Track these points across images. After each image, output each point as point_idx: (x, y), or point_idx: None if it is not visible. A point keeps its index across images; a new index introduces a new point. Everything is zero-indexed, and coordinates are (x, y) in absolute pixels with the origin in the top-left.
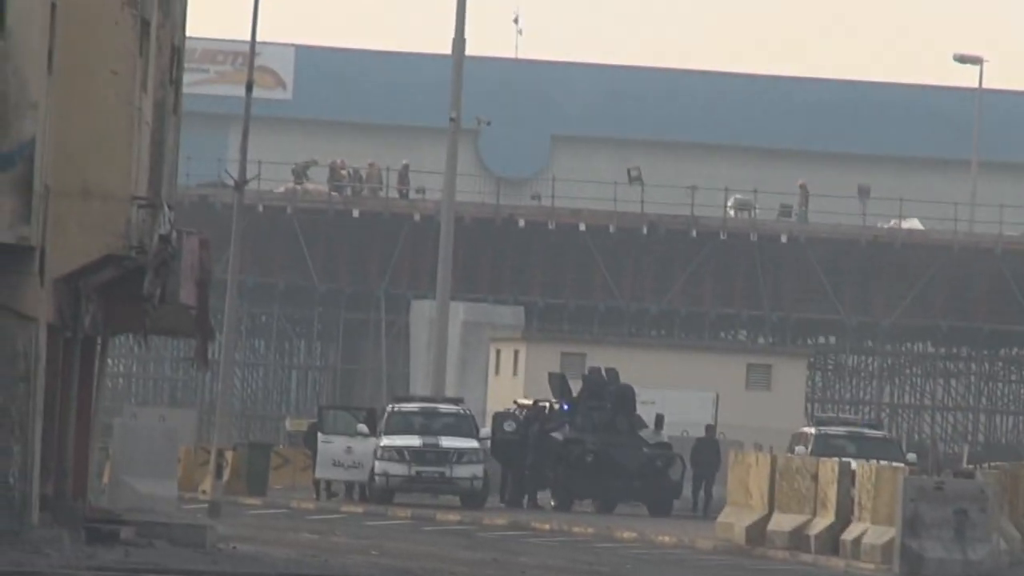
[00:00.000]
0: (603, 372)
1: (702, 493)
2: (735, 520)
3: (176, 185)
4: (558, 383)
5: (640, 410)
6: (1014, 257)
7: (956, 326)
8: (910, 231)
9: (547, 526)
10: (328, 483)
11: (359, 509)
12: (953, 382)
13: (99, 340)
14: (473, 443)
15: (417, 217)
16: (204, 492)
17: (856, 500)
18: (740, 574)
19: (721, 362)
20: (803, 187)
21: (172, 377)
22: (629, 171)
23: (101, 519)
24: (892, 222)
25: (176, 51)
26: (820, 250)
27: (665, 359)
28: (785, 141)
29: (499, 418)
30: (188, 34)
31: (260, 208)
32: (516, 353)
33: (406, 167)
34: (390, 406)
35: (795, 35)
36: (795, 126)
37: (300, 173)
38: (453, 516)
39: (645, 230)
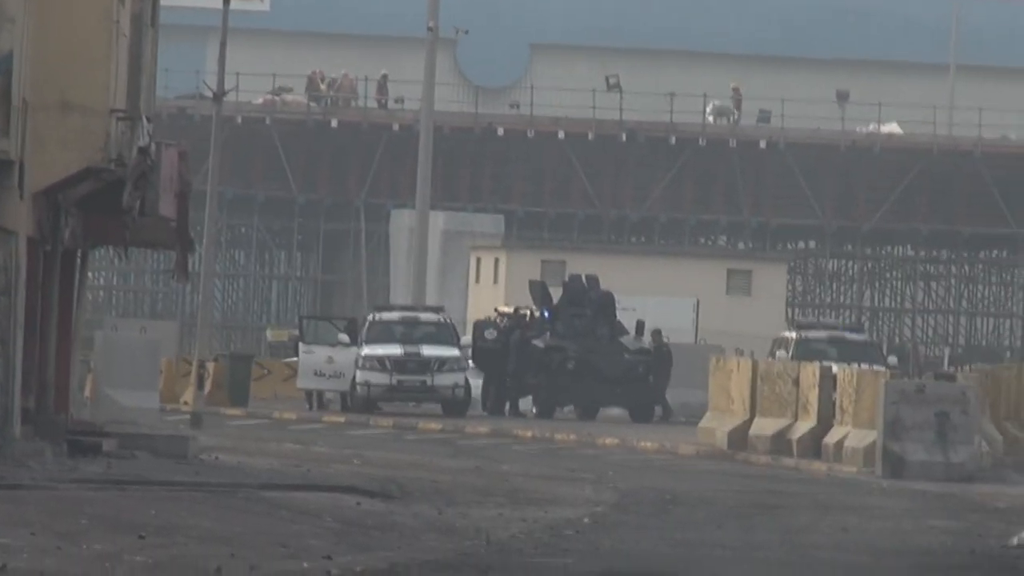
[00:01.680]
0: (583, 279)
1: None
2: (717, 425)
3: (155, 97)
4: (538, 291)
5: (621, 317)
6: (993, 160)
7: (936, 229)
8: (889, 135)
9: (529, 434)
10: (320, 393)
11: (341, 419)
12: (934, 285)
13: (79, 253)
14: (454, 351)
15: (396, 127)
16: (186, 403)
17: (837, 404)
18: (722, 479)
19: (701, 268)
20: (736, 90)
21: (153, 289)
22: (608, 78)
23: (83, 432)
24: (871, 126)
25: None
26: (800, 155)
27: (645, 266)
28: (764, 47)
29: (480, 326)
30: None
31: (239, 120)
32: (496, 261)
33: (385, 77)
34: (371, 315)
35: None
36: (774, 32)
37: (277, 94)
38: (435, 425)
39: (624, 137)
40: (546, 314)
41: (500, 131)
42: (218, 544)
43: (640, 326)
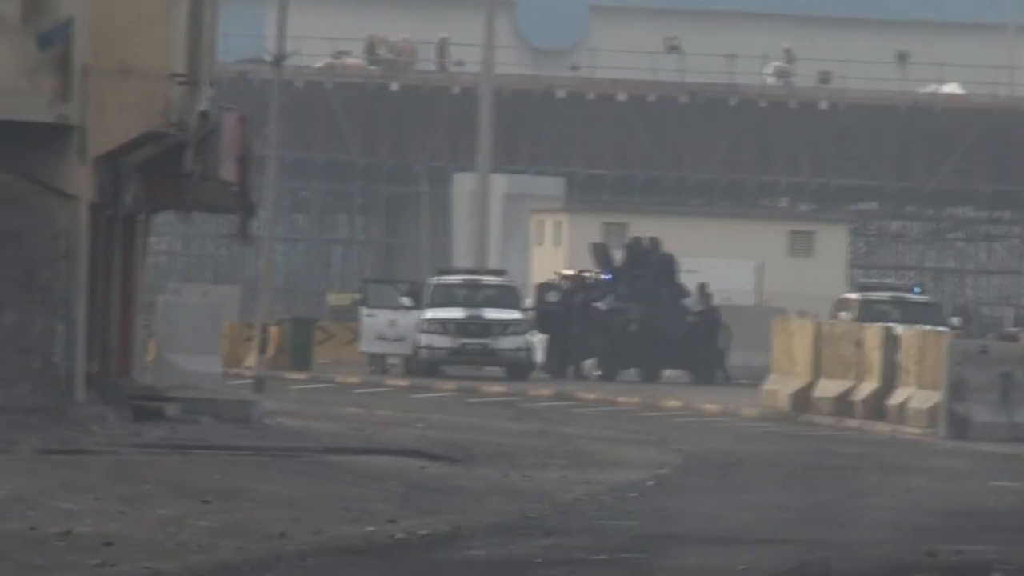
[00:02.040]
0: (645, 242)
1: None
2: (780, 387)
3: (215, 62)
4: (600, 253)
5: (683, 279)
6: None
7: (998, 190)
8: (949, 95)
9: (592, 396)
10: (384, 357)
11: (404, 382)
12: (996, 246)
13: (141, 218)
14: (517, 314)
15: (456, 90)
16: (249, 368)
17: (901, 365)
18: (785, 440)
19: (763, 230)
20: (788, 51)
21: (215, 254)
22: (667, 40)
23: (146, 396)
24: (931, 87)
25: None
26: (860, 116)
27: (707, 228)
28: (822, 8)
29: (542, 289)
30: None
31: (299, 84)
32: (558, 224)
33: (444, 40)
34: (433, 279)
35: None
36: None
37: (337, 58)
38: (498, 388)
39: (685, 99)
40: (608, 277)
41: (560, 94)
42: (282, 508)
43: (702, 288)
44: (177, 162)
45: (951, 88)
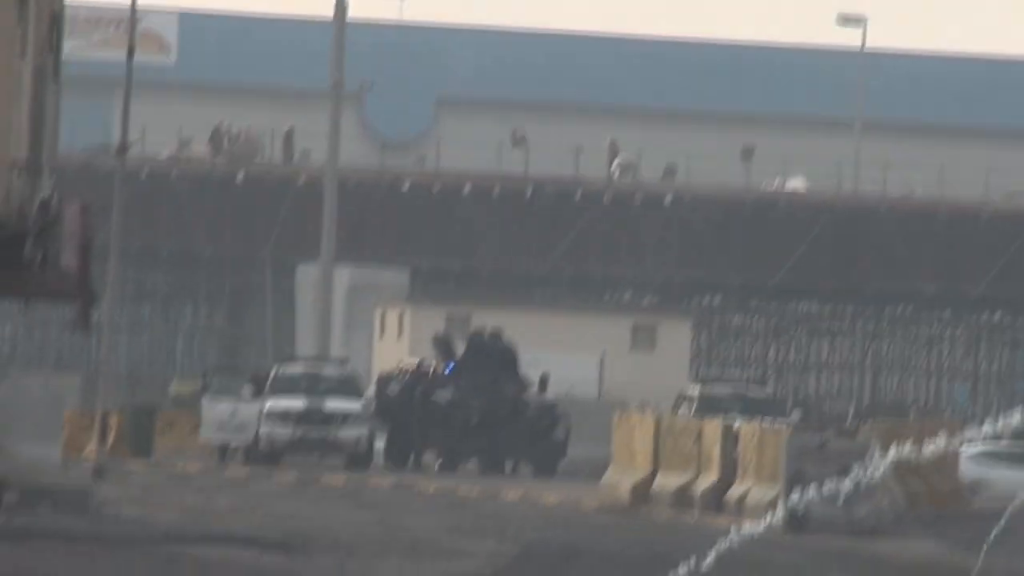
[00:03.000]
0: (486, 334)
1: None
2: (620, 479)
3: (57, 150)
4: (442, 345)
5: (526, 372)
6: (898, 216)
7: (841, 285)
8: (794, 192)
9: (432, 487)
10: (225, 446)
11: (245, 472)
12: (839, 340)
13: None
14: (358, 405)
15: (302, 181)
16: (89, 456)
17: (740, 459)
18: (625, 533)
19: (606, 323)
20: (613, 143)
21: (57, 341)
22: (514, 132)
23: None
24: (776, 181)
25: (56, 17)
26: (704, 211)
27: (550, 321)
28: (670, 101)
29: (383, 379)
30: (70, 1)
31: (144, 173)
32: (401, 316)
33: (291, 131)
34: (275, 368)
35: None
36: (679, 86)
37: (183, 146)
38: (339, 478)
39: (530, 192)
40: (449, 368)
41: (406, 185)
42: None
43: (544, 380)
44: (18, 250)
45: (797, 183)
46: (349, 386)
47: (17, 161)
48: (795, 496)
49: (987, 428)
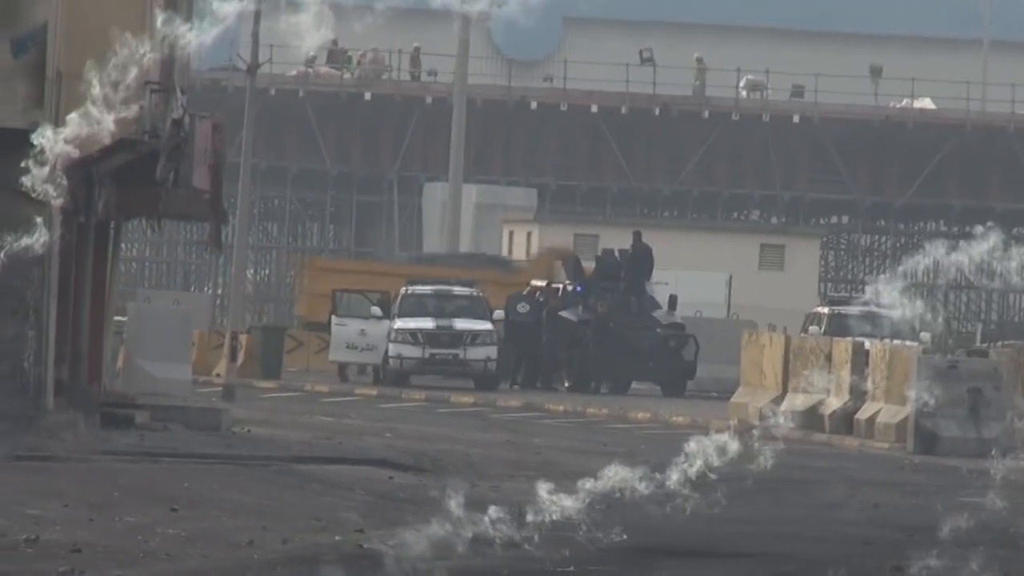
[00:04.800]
0: (616, 253)
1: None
2: (749, 400)
3: (189, 69)
4: (571, 264)
5: (653, 291)
6: None
7: (969, 205)
8: (922, 110)
9: (561, 408)
10: (355, 366)
11: (373, 392)
12: (967, 260)
13: (113, 225)
14: (487, 325)
15: (429, 99)
16: (218, 376)
17: (870, 379)
18: (754, 454)
19: (734, 242)
20: (699, 59)
21: (186, 261)
22: (641, 52)
23: (116, 403)
24: (904, 101)
25: None
26: (833, 130)
27: (678, 240)
28: (797, 21)
29: (513, 300)
30: None
31: (272, 92)
32: (529, 235)
33: (417, 50)
34: (403, 288)
35: None
36: (807, 6)
37: (309, 65)
38: (467, 398)
39: (657, 111)
40: (579, 288)
41: (533, 104)
42: (250, 517)
43: (673, 300)
44: (150, 169)
45: (924, 103)
46: (477, 306)
47: (150, 80)
48: (925, 417)
49: None
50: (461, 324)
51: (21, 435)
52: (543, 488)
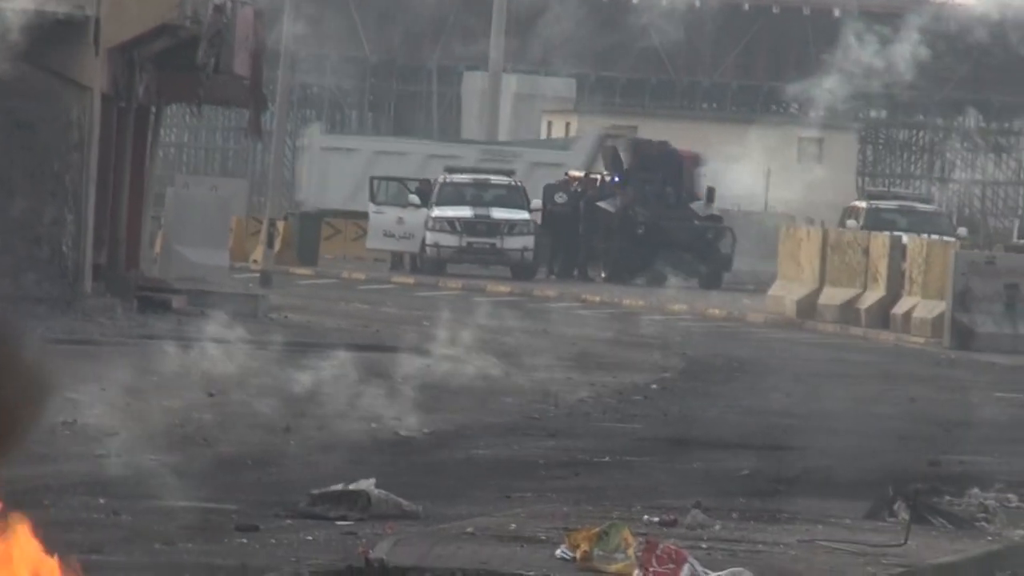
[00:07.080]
0: (653, 145)
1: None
2: (786, 293)
3: None
4: (610, 155)
5: (690, 183)
6: None
7: (1008, 100)
8: (959, 5)
9: (597, 298)
10: (395, 254)
11: (410, 280)
12: (1004, 156)
13: (153, 110)
14: (524, 214)
15: None
16: (255, 262)
17: (907, 274)
18: (790, 347)
19: (772, 136)
20: None
21: (224, 147)
22: None
23: (153, 288)
24: None
25: None
26: (872, 24)
27: (715, 132)
28: None
29: (550, 190)
30: None
31: None
32: (567, 125)
33: None
34: (441, 177)
35: None
36: None
37: None
38: (504, 287)
39: (698, 3)
40: (617, 178)
41: None
42: (287, 403)
43: (711, 192)
44: (191, 55)
45: None
46: (515, 195)
47: None
48: (961, 312)
49: None
50: (499, 213)
51: (59, 318)
52: (578, 378)
